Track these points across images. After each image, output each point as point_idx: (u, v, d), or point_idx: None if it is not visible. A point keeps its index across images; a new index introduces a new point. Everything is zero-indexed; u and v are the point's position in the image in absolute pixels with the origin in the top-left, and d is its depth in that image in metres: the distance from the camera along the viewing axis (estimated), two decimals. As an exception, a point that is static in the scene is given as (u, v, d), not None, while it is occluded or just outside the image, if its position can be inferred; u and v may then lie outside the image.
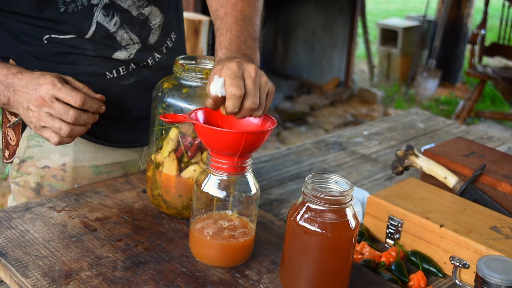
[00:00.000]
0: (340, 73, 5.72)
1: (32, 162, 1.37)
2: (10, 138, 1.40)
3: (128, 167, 1.46)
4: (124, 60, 1.33)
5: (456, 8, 5.91)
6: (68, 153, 1.37)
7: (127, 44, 1.32)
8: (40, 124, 1.15)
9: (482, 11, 4.96)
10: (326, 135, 1.90)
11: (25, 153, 1.37)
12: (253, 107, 1.04)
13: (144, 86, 1.37)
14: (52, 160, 1.37)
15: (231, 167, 1.04)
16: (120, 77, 1.34)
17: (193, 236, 1.09)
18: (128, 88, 1.35)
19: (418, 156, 1.43)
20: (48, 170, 1.37)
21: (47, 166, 1.37)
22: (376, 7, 10.20)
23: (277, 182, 1.54)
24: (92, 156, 1.39)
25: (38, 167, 1.37)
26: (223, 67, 1.05)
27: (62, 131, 1.14)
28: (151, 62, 1.36)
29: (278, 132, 4.75)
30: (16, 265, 1.04)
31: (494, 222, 1.22)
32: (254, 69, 1.05)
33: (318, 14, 5.75)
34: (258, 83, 1.05)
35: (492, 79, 4.75)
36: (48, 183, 1.38)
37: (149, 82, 1.35)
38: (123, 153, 1.44)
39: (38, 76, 1.16)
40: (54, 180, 1.38)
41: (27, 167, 1.38)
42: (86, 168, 1.39)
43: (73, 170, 1.38)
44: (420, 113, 2.16)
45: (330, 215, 0.97)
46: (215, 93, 1.03)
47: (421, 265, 1.18)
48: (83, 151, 1.38)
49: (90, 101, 1.16)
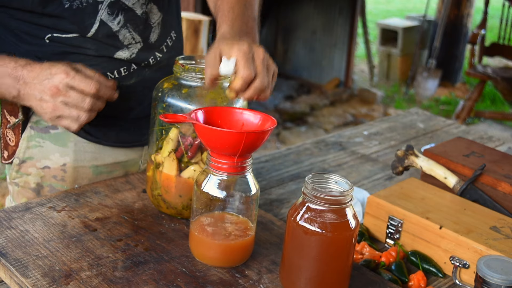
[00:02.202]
0: (340, 73, 5.72)
1: (32, 163, 1.36)
2: (9, 139, 1.39)
3: (128, 167, 1.46)
4: (125, 59, 1.33)
5: (456, 8, 5.91)
6: (69, 153, 1.36)
7: (129, 43, 1.32)
8: (56, 114, 1.15)
9: (482, 11, 4.96)
10: (326, 135, 1.90)
11: (25, 154, 1.36)
12: (261, 87, 1.08)
13: (145, 85, 1.37)
14: (52, 160, 1.36)
15: (231, 167, 1.04)
16: (122, 78, 1.34)
17: (193, 236, 1.09)
18: (129, 88, 1.35)
19: (418, 156, 1.43)
20: (48, 171, 1.36)
21: (47, 166, 1.36)
22: (376, 7, 10.20)
23: (277, 182, 1.54)
24: (93, 156, 1.39)
25: (38, 168, 1.36)
26: (232, 46, 1.08)
27: (80, 119, 1.16)
28: (152, 61, 1.36)
29: (278, 132, 4.75)
30: (16, 265, 1.04)
31: (494, 222, 1.22)
32: (263, 51, 1.09)
33: (318, 14, 5.75)
34: (266, 64, 1.09)
35: (492, 79, 4.75)
36: (48, 183, 1.37)
37: (150, 82, 1.35)
38: (124, 153, 1.43)
39: (48, 66, 1.15)
40: (54, 180, 1.37)
41: (27, 168, 1.37)
42: (86, 168, 1.38)
43: (73, 171, 1.37)
44: (420, 113, 2.16)
45: (330, 215, 0.97)
46: (226, 73, 1.06)
47: (421, 265, 1.18)
48: (83, 151, 1.37)
49: (103, 88, 1.17)
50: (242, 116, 1.10)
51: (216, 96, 1.18)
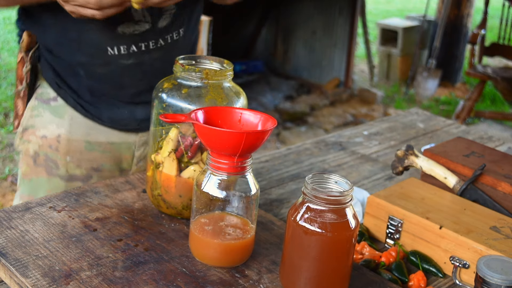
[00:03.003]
0: (340, 73, 5.71)
1: (32, 131, 1.46)
2: (18, 109, 1.47)
3: (122, 151, 1.49)
4: (128, 35, 1.35)
5: (456, 8, 5.91)
6: (64, 125, 1.44)
7: (139, 19, 1.35)
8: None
9: (482, 11, 4.96)
10: (326, 135, 1.90)
11: (28, 122, 1.46)
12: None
13: (141, 70, 1.41)
14: (50, 130, 1.44)
15: (231, 167, 1.04)
16: (120, 56, 1.38)
17: (193, 236, 1.09)
18: (126, 68, 1.40)
19: (418, 156, 1.43)
20: (45, 140, 1.45)
21: (44, 136, 1.45)
22: (376, 7, 10.20)
23: (277, 182, 1.54)
24: (86, 132, 1.45)
25: (38, 136, 1.45)
26: None
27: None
28: (152, 45, 1.39)
29: (278, 132, 4.75)
30: (16, 265, 1.04)
31: (494, 222, 1.22)
32: None
33: (318, 14, 5.75)
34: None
35: (492, 79, 4.75)
36: (44, 152, 1.45)
37: (147, 68, 1.40)
38: (117, 135, 1.48)
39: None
40: (50, 150, 1.45)
41: (28, 135, 1.46)
42: (79, 142, 1.45)
43: (67, 142, 1.45)
44: (420, 113, 2.16)
45: (330, 215, 0.97)
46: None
47: (421, 265, 1.18)
48: (78, 126, 1.45)
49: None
50: (242, 116, 1.10)
51: (216, 96, 1.18)
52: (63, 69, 1.43)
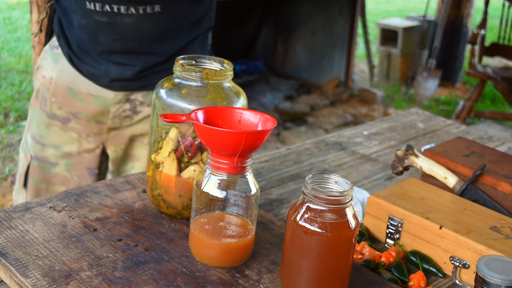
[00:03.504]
0: (340, 73, 5.71)
1: (40, 70, 1.69)
2: (36, 52, 1.76)
3: (99, 104, 1.62)
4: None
5: (456, 8, 5.91)
6: (56, 70, 1.64)
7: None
8: None
9: (482, 11, 4.96)
10: (326, 135, 1.90)
11: (40, 62, 1.71)
12: None
13: (114, 30, 1.53)
14: (48, 72, 1.65)
15: (231, 167, 1.04)
16: (96, 12, 1.51)
17: (193, 236, 1.09)
18: (100, 24, 1.53)
19: (418, 156, 1.43)
20: (44, 80, 1.66)
21: (44, 76, 1.66)
22: (376, 7, 10.20)
23: (277, 182, 1.54)
24: (71, 80, 1.62)
25: (41, 75, 1.67)
26: None
27: None
28: (124, 10, 1.49)
29: (278, 132, 4.75)
30: (16, 265, 1.04)
31: (494, 222, 1.22)
32: None
33: (318, 14, 5.75)
34: None
35: (492, 79, 4.75)
36: (42, 90, 1.67)
37: (120, 30, 1.52)
38: (95, 88, 1.62)
39: None
40: (44, 88, 1.66)
41: (37, 74, 1.70)
42: (64, 87, 1.63)
43: (55, 86, 1.64)
44: (420, 113, 2.16)
45: (330, 215, 0.97)
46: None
47: (421, 265, 1.18)
48: (65, 73, 1.63)
49: None
50: (242, 116, 1.10)
51: (216, 96, 1.18)
52: (64, 18, 1.61)
